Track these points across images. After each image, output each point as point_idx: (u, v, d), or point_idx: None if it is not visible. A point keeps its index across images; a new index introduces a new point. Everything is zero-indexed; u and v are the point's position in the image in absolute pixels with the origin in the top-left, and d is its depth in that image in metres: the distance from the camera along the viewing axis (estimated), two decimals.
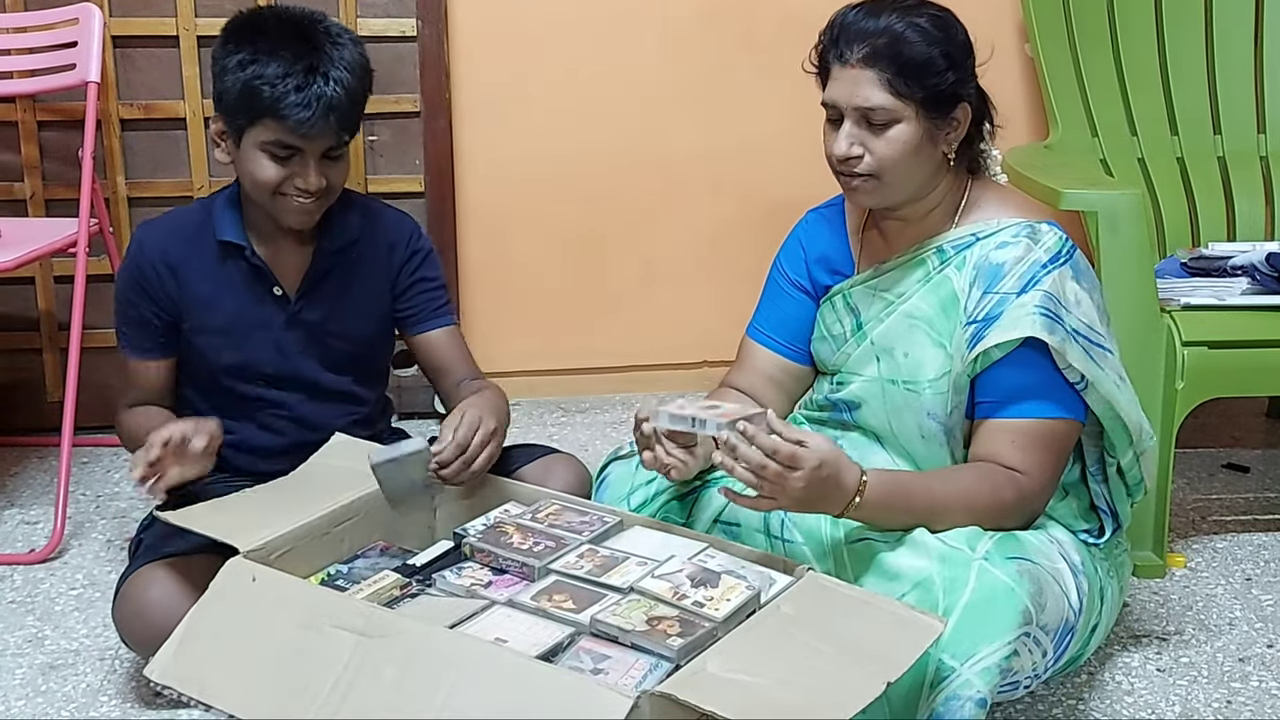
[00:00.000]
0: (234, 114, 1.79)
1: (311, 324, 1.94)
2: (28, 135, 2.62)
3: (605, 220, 2.92)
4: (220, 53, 1.81)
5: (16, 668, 1.89)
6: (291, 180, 1.80)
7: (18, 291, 2.69)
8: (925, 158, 1.70)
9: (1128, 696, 1.82)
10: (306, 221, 1.86)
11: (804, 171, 2.57)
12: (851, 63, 1.66)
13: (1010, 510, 1.67)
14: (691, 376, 2.98)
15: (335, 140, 1.80)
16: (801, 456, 1.53)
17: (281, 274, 1.92)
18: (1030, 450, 1.68)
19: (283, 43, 1.77)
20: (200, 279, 1.90)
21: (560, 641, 1.48)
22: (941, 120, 1.69)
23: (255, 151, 1.79)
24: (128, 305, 1.93)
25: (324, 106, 1.75)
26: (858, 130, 1.68)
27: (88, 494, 2.47)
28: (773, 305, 1.92)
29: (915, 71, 1.65)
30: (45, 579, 2.15)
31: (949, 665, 1.51)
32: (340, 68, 1.78)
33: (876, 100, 1.65)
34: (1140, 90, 2.69)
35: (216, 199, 1.93)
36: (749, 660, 1.39)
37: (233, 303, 1.91)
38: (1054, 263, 1.70)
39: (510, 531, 1.70)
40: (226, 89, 1.79)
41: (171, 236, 1.92)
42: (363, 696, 1.39)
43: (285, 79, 1.74)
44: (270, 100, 1.74)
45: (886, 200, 1.74)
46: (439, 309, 2.02)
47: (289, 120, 1.75)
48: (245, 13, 1.86)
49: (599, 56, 2.84)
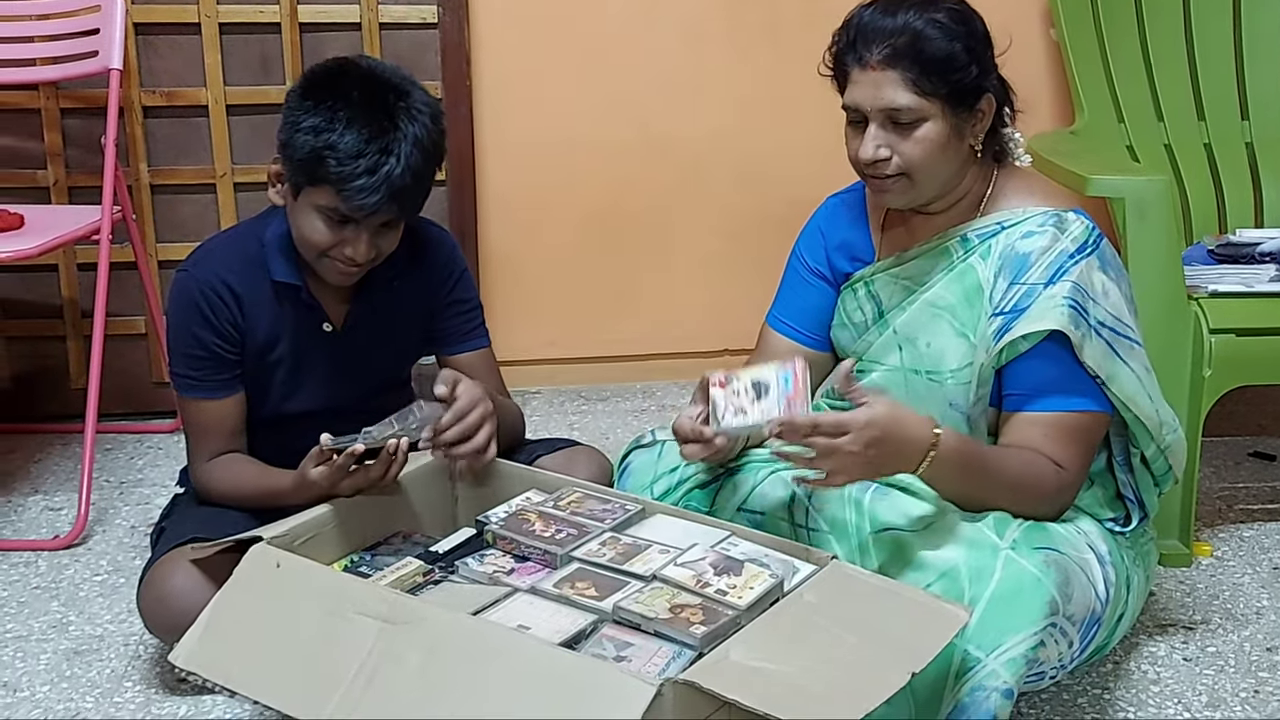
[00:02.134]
0: (296, 170, 1.72)
1: (356, 356, 1.91)
2: (50, 123, 2.62)
3: (626, 208, 2.92)
4: (296, 104, 1.72)
5: (41, 653, 1.90)
6: (341, 247, 1.74)
7: (41, 279, 2.70)
8: (953, 153, 1.69)
9: (1154, 686, 1.81)
10: (345, 283, 1.82)
11: (826, 161, 2.55)
12: (872, 64, 1.64)
13: (1049, 500, 1.66)
14: (713, 364, 2.93)
15: (395, 218, 1.76)
16: (846, 421, 1.51)
17: (329, 310, 1.88)
18: (1063, 443, 1.67)
19: (361, 115, 1.68)
20: (259, 314, 1.84)
21: (583, 629, 1.47)
22: (967, 114, 1.68)
23: (310, 211, 1.73)
24: (191, 342, 1.82)
25: (389, 191, 1.68)
26: (883, 132, 1.66)
27: (111, 480, 2.48)
28: (792, 293, 1.91)
29: (938, 68, 1.63)
30: (70, 565, 2.16)
31: (974, 656, 1.50)
32: (414, 147, 1.70)
33: (902, 101, 1.63)
34: (1167, 75, 2.66)
35: (267, 234, 1.84)
36: (772, 649, 1.39)
37: (288, 341, 1.86)
38: (1081, 253, 1.69)
39: (532, 519, 1.70)
40: (295, 146, 1.70)
41: (225, 268, 1.83)
42: (387, 683, 1.39)
43: (356, 160, 1.67)
44: (337, 177, 1.68)
45: (918, 199, 1.73)
46: (472, 330, 1.98)
47: (351, 202, 1.69)
48: (331, 66, 1.76)
49: (620, 45, 2.83)
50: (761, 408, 1.58)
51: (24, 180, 2.65)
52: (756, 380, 1.60)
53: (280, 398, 1.90)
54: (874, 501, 1.67)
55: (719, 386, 1.62)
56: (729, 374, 1.63)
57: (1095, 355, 1.67)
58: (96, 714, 1.75)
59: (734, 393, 1.61)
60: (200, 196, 2.71)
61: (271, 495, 1.79)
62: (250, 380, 1.87)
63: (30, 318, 2.72)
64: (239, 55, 2.66)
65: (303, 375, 1.90)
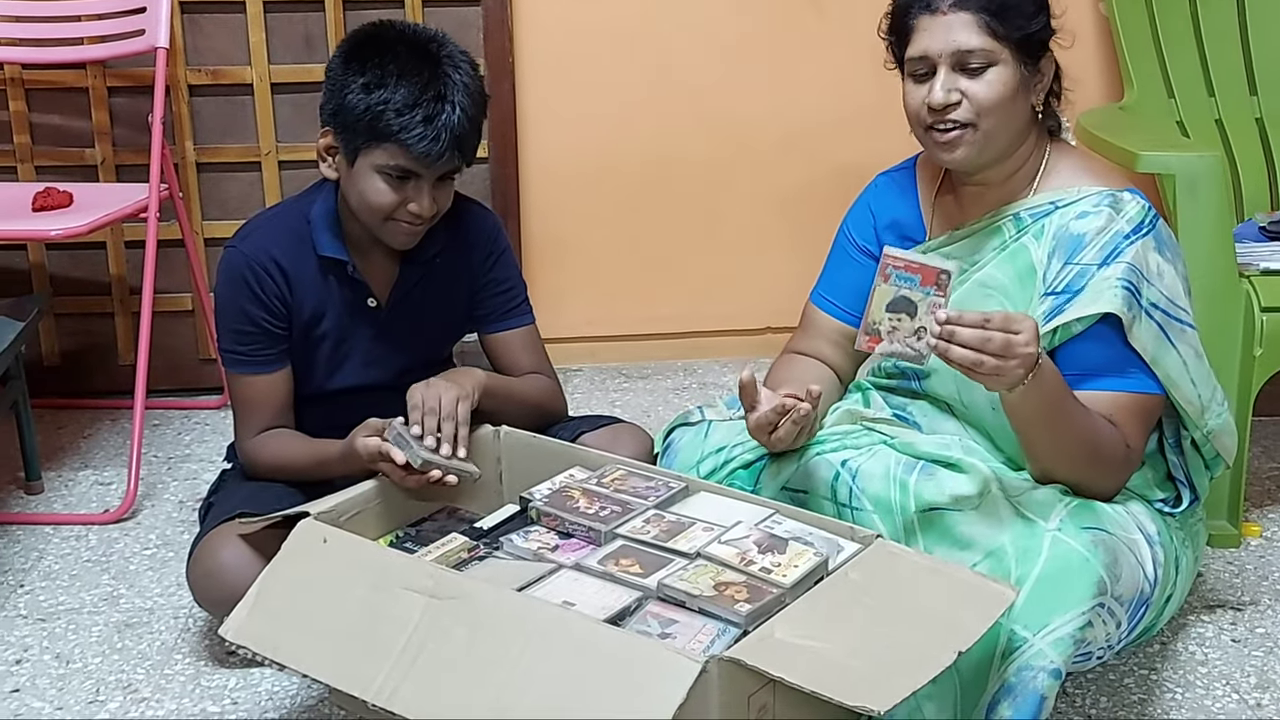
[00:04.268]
0: (352, 134, 1.75)
1: (399, 333, 1.92)
2: (98, 101, 2.65)
3: (669, 184, 2.91)
4: (340, 70, 1.76)
5: (93, 625, 1.93)
6: (405, 205, 1.77)
7: (90, 256, 2.73)
8: (1020, 106, 1.68)
9: (1201, 667, 1.80)
10: (411, 243, 1.84)
11: (872, 134, 2.54)
12: (942, 9, 1.65)
13: (1115, 470, 1.65)
14: (755, 342, 2.96)
15: (455, 166, 1.78)
16: (1015, 318, 1.49)
17: (374, 286, 1.89)
18: (1124, 423, 1.65)
19: (409, 67, 1.72)
20: (306, 290, 1.86)
21: (627, 606, 1.48)
22: (1033, 67, 1.68)
23: (371, 173, 1.76)
24: (240, 318, 1.84)
25: (451, 136, 1.72)
26: (954, 76, 1.66)
27: (159, 455, 2.51)
28: (838, 271, 1.90)
29: (1010, 12, 1.64)
30: (120, 539, 2.19)
31: (1021, 636, 1.49)
32: (464, 94, 1.74)
33: (975, 42, 1.64)
34: (1218, 49, 2.61)
35: (313, 211, 1.86)
36: (817, 627, 1.39)
37: (333, 317, 1.88)
38: (1136, 233, 1.67)
39: (576, 496, 1.70)
40: (347, 109, 1.73)
41: (272, 243, 1.85)
42: (433, 658, 1.40)
43: (414, 108, 1.70)
44: (397, 128, 1.70)
45: (982, 155, 1.70)
46: (513, 309, 1.99)
47: (414, 150, 1.71)
48: (366, 30, 1.80)
49: (664, 18, 2.82)
50: (904, 329, 1.53)
51: (72, 159, 2.68)
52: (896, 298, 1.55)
53: (323, 375, 1.92)
54: (919, 481, 1.66)
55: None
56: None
57: (1145, 337, 1.65)
58: (147, 685, 1.78)
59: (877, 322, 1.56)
60: (245, 174, 2.73)
61: (319, 464, 1.81)
62: (296, 356, 1.89)
63: (79, 295, 2.76)
64: (283, 33, 2.67)
65: (346, 351, 1.91)
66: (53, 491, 2.36)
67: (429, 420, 1.72)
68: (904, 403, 1.84)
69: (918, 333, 1.52)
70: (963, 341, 1.47)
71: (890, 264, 1.54)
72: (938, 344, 1.49)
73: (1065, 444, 1.62)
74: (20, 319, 2.23)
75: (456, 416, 1.74)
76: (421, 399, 1.74)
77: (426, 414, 1.73)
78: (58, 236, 2.27)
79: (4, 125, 2.65)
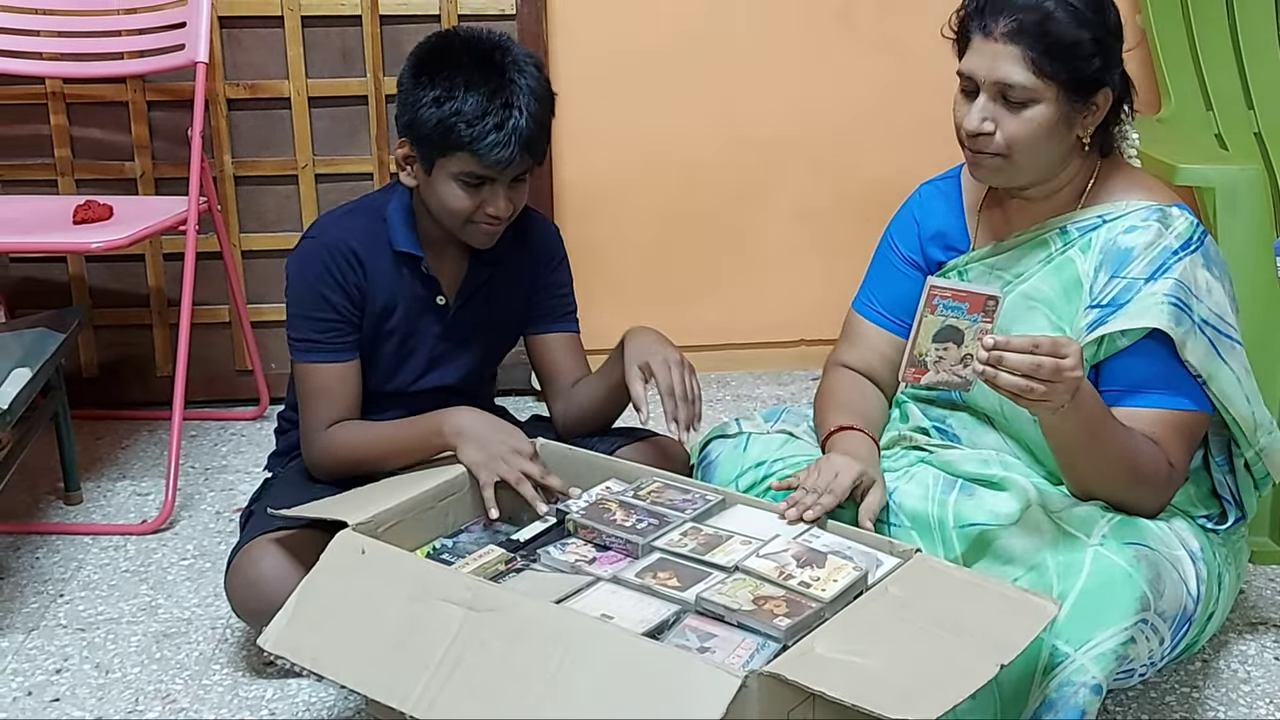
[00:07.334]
0: (427, 145, 1.79)
1: (462, 333, 1.96)
2: (138, 115, 2.67)
3: (702, 197, 2.91)
4: (410, 84, 1.79)
5: (132, 635, 1.94)
6: (483, 208, 1.81)
7: (129, 268, 2.75)
8: (1058, 141, 1.65)
9: (1244, 685, 1.78)
10: (491, 242, 1.87)
11: (902, 149, 2.54)
12: (995, 35, 1.61)
13: (1158, 489, 1.63)
14: (789, 355, 2.95)
15: (527, 167, 1.82)
16: (1062, 342, 1.47)
17: (444, 283, 1.92)
18: (1167, 439, 1.63)
19: (477, 78, 1.75)
20: (381, 282, 1.88)
21: (666, 619, 1.47)
22: (1081, 105, 1.64)
23: (448, 180, 1.80)
24: (318, 304, 1.85)
25: (520, 142, 1.75)
26: (992, 105, 1.63)
27: (196, 466, 2.53)
28: (883, 280, 1.89)
29: (1061, 53, 1.59)
30: (157, 549, 2.21)
31: (1063, 651, 1.48)
32: (530, 97, 1.77)
33: (1017, 78, 1.60)
34: (1257, 61, 2.60)
35: (390, 207, 1.90)
36: (857, 641, 1.38)
37: (403, 311, 1.91)
38: (1185, 249, 1.65)
39: (613, 508, 1.70)
40: (420, 122, 1.77)
41: (350, 234, 1.88)
42: (471, 670, 1.40)
43: (484, 119, 1.74)
44: (470, 138, 1.74)
45: (1012, 181, 1.70)
46: (564, 314, 2.03)
47: (487, 159, 1.75)
48: (433, 41, 1.84)
49: (696, 32, 2.82)
50: (947, 363, 1.53)
51: (112, 172, 2.70)
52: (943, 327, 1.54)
53: (386, 373, 1.94)
54: (959, 500, 1.65)
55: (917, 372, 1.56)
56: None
57: (1198, 354, 1.63)
58: (185, 695, 1.79)
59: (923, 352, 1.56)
60: (282, 188, 2.75)
61: (396, 447, 1.84)
62: (363, 351, 1.91)
63: (118, 306, 2.78)
64: (320, 48, 2.69)
65: (412, 347, 1.94)
66: (91, 502, 2.38)
67: (683, 410, 1.80)
68: (943, 414, 1.83)
69: (964, 360, 1.52)
70: (1011, 367, 1.46)
71: (937, 294, 1.53)
72: (984, 370, 1.47)
73: (1105, 464, 1.61)
74: (61, 331, 2.25)
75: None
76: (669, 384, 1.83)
77: (680, 401, 1.80)
78: (99, 249, 2.29)
79: (45, 139, 2.68)
